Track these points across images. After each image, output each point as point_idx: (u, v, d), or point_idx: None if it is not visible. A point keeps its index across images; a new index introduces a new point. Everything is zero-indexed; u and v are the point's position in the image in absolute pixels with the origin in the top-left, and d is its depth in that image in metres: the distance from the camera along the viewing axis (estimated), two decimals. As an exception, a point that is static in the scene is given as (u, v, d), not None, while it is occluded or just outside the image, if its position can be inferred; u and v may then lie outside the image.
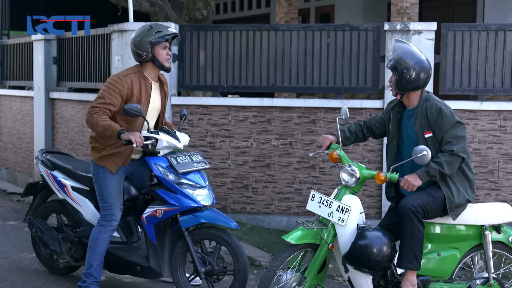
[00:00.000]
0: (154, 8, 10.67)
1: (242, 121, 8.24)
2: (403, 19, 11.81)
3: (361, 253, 4.82)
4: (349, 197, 5.00)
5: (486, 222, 5.15)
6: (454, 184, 4.99)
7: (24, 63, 11.43)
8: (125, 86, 5.46)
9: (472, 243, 5.20)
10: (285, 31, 8.33)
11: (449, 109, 5.03)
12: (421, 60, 5.08)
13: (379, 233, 4.93)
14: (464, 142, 4.93)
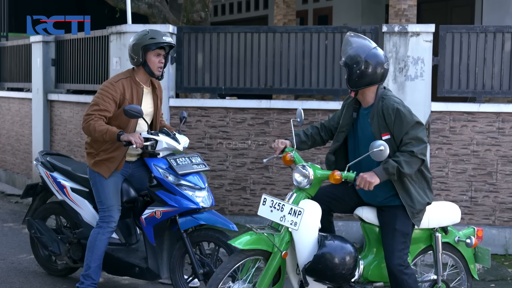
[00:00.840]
0: (152, 10, 10.69)
1: (240, 123, 8.25)
2: (401, 21, 11.82)
3: (326, 265, 4.54)
4: (306, 202, 4.68)
5: (438, 225, 5.03)
6: (414, 188, 4.76)
7: (23, 65, 11.43)
8: (118, 91, 5.50)
9: (422, 246, 5.08)
10: (283, 33, 8.34)
11: (407, 109, 4.73)
12: (373, 54, 4.75)
13: (342, 242, 4.66)
14: (425, 145, 4.69)
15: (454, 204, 5.32)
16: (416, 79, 7.88)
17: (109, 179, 5.57)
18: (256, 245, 4.58)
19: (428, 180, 4.90)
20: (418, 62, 7.87)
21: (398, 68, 7.90)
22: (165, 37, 5.59)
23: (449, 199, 7.95)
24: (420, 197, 4.78)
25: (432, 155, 7.93)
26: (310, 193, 4.77)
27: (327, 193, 5.03)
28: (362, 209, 4.95)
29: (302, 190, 4.75)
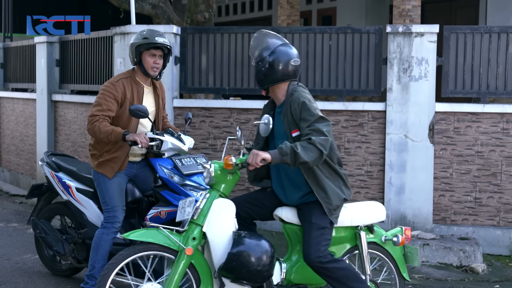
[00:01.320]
0: (156, 11, 10.70)
1: (244, 124, 8.25)
2: (405, 22, 11.81)
3: (240, 263, 4.44)
4: (219, 201, 4.66)
5: (361, 223, 4.94)
6: (329, 184, 4.69)
7: (27, 65, 11.45)
8: (119, 91, 5.51)
9: (348, 246, 4.97)
10: (287, 34, 8.34)
11: (312, 104, 4.64)
12: (278, 51, 4.71)
13: (257, 239, 4.58)
14: (325, 138, 4.52)
15: (379, 202, 5.27)
16: (420, 79, 7.88)
17: (113, 179, 5.57)
18: (153, 239, 4.52)
19: (343, 177, 4.80)
20: (422, 62, 7.87)
21: (402, 68, 7.89)
22: (158, 37, 5.56)
23: (454, 199, 7.95)
24: (335, 193, 4.70)
25: (436, 156, 7.93)
26: (223, 192, 4.72)
27: (247, 199, 5.01)
28: (282, 209, 4.91)
29: (215, 189, 4.72)
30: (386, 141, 7.95)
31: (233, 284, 4.56)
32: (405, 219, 7.93)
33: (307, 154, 4.44)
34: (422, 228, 7.89)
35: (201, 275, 4.59)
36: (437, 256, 7.43)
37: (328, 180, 4.71)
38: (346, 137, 8.07)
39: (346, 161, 8.05)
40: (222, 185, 4.74)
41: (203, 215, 4.60)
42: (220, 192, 4.73)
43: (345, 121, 8.06)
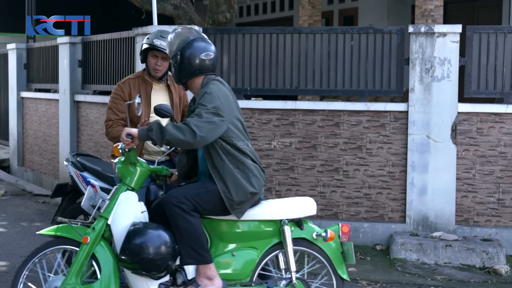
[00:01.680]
0: (178, 12, 10.72)
1: (266, 124, 8.25)
2: (427, 22, 11.75)
3: (132, 251, 4.46)
4: (126, 194, 4.71)
5: (284, 216, 4.76)
6: (231, 178, 4.60)
7: (50, 66, 11.53)
8: (125, 91, 5.68)
9: (272, 241, 4.80)
10: (308, 34, 8.32)
11: (213, 97, 4.59)
12: (188, 46, 4.74)
13: (154, 229, 4.57)
14: (204, 121, 4.44)
15: (309, 198, 5.05)
16: (443, 80, 7.83)
17: None
18: (56, 232, 4.63)
19: (252, 169, 4.69)
20: (445, 63, 7.82)
21: (425, 69, 7.85)
22: (157, 39, 5.60)
23: (476, 201, 7.90)
24: (240, 187, 4.60)
25: (459, 157, 7.87)
26: (130, 185, 4.77)
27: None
28: None
29: (123, 183, 4.78)
30: (408, 141, 7.92)
31: (135, 275, 4.57)
32: (427, 220, 7.89)
33: (176, 131, 4.42)
34: (445, 229, 7.85)
35: (102, 266, 4.61)
36: (459, 257, 7.38)
37: (235, 172, 4.63)
38: (368, 138, 8.04)
39: (367, 161, 8.03)
40: (128, 178, 4.78)
41: (110, 208, 4.68)
42: (127, 186, 4.77)
43: (367, 122, 8.03)
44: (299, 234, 4.83)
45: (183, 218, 4.54)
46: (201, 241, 4.60)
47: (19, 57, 12.68)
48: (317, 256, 4.90)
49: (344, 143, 8.09)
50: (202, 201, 4.60)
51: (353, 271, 7.09)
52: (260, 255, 4.80)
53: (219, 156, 4.63)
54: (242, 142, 4.71)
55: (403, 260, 7.44)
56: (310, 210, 4.91)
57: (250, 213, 4.75)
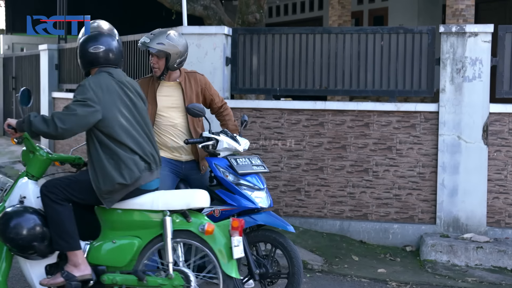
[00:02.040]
0: (208, 12, 10.76)
1: (295, 124, 8.24)
2: (458, 21, 11.65)
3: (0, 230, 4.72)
4: (23, 180, 4.97)
5: (166, 207, 4.76)
6: (100, 167, 4.69)
7: (80, 66, 11.62)
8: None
9: (157, 232, 4.79)
10: (338, 34, 8.30)
11: (86, 88, 4.71)
12: (82, 40, 5.03)
13: (26, 212, 4.76)
14: (69, 114, 4.59)
15: (202, 190, 4.98)
16: (474, 80, 7.76)
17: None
18: None
19: (127, 160, 4.72)
20: (476, 63, 7.75)
21: (456, 69, 7.79)
22: (144, 38, 5.75)
23: (508, 202, 7.82)
24: (109, 176, 4.67)
25: (490, 158, 7.80)
26: (30, 173, 5.01)
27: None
28: None
29: (25, 171, 5.04)
30: (439, 142, 7.86)
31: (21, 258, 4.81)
32: (458, 221, 7.82)
33: (40, 124, 4.62)
34: (476, 231, 7.78)
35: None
36: (491, 259, 7.31)
37: (106, 162, 4.70)
38: (398, 138, 8.00)
39: (397, 162, 7.99)
40: (28, 166, 5.02)
41: (9, 193, 4.94)
42: (27, 173, 4.99)
43: (397, 122, 7.99)
44: (184, 226, 4.81)
45: (50, 207, 4.72)
46: (67, 229, 4.71)
47: (51, 58, 12.82)
48: (205, 250, 4.85)
49: (374, 143, 8.06)
50: (74, 190, 4.75)
51: (383, 272, 7.06)
52: (144, 245, 4.82)
53: (94, 145, 4.77)
54: (123, 133, 4.75)
55: (434, 262, 7.39)
56: (197, 203, 4.86)
57: (131, 202, 4.81)
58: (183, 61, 5.79)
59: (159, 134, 5.80)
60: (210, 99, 5.99)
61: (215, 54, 8.19)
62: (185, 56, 5.78)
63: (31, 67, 15.03)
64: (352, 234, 8.09)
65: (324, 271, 7.04)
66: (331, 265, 7.22)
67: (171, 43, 5.64)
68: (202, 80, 5.97)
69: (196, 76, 5.96)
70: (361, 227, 8.08)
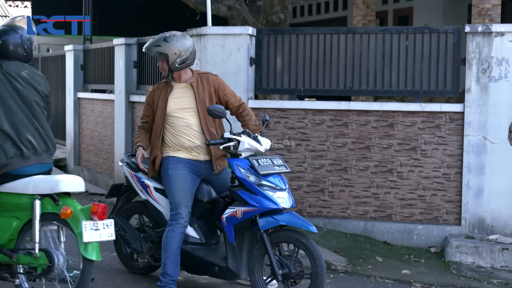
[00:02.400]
0: (232, 12, 10.78)
1: (319, 125, 8.23)
2: (484, 21, 11.55)
3: None
4: None
5: (36, 191, 5.03)
6: None
7: (106, 67, 11.71)
8: (151, 96, 6.07)
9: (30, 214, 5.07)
10: (362, 34, 8.27)
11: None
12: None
13: None
14: None
15: (75, 176, 5.26)
16: (500, 80, 7.70)
17: (173, 178, 5.80)
18: None
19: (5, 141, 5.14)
20: (502, 63, 7.69)
21: (481, 69, 7.73)
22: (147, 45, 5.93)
23: (534, 203, 7.74)
24: None
25: (516, 158, 7.73)
26: None
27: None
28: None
29: None
30: (464, 143, 7.80)
31: None
32: (484, 222, 7.76)
33: None
34: (501, 232, 7.71)
35: None
36: (517, 261, 7.25)
37: None
38: (422, 139, 7.95)
39: (422, 163, 7.94)
40: None
41: None
42: None
43: (422, 123, 7.94)
44: (52, 209, 5.04)
45: None
46: None
47: (76, 59, 12.92)
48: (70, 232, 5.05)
49: (399, 144, 8.02)
50: None
51: (407, 273, 7.02)
52: (21, 225, 5.12)
53: None
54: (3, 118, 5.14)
55: (458, 263, 7.33)
56: (62, 187, 5.05)
57: (7, 186, 5.16)
58: (185, 61, 5.82)
59: (175, 135, 5.88)
60: (225, 99, 6.01)
61: (239, 54, 8.20)
62: (186, 56, 5.80)
63: (56, 67, 15.15)
64: (376, 235, 8.06)
65: (347, 272, 7.03)
66: (354, 266, 7.20)
67: (167, 44, 5.76)
68: (215, 81, 5.99)
69: (208, 77, 5.99)
70: (385, 228, 8.04)
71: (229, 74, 8.15)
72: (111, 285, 6.22)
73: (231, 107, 6.05)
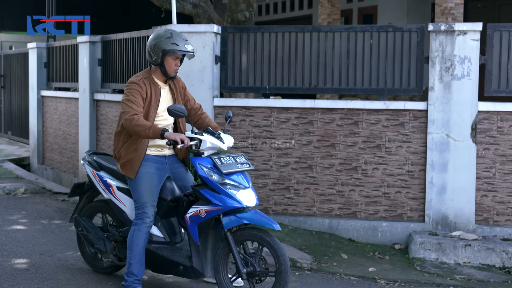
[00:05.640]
0: (197, 10, 10.73)
1: (284, 123, 8.24)
2: (447, 20, 11.68)
3: None
4: None
5: None
6: None
7: (70, 65, 11.60)
8: (143, 89, 5.69)
9: None
10: (327, 32, 8.31)
11: None
12: None
13: None
14: None
15: None
16: (463, 78, 7.78)
17: (140, 177, 5.70)
18: None
19: None
20: (465, 61, 7.77)
21: (445, 67, 7.81)
22: (187, 45, 5.70)
23: (496, 200, 7.84)
24: None
25: (479, 156, 7.82)
26: None
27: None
28: None
29: None
30: (428, 140, 7.88)
31: None
32: (447, 219, 7.85)
33: None
34: (464, 228, 7.80)
35: None
36: (479, 257, 7.33)
37: None
38: (387, 137, 8.01)
39: (386, 160, 8.00)
40: None
41: None
42: None
43: (386, 120, 8.00)
44: None
45: None
46: None
47: (40, 56, 12.77)
48: None
49: (363, 142, 8.07)
50: None
51: (372, 270, 7.07)
52: None
53: None
54: None
55: (422, 260, 7.40)
56: None
57: None
58: None
59: None
60: (186, 100, 6.03)
61: (204, 52, 8.18)
62: None
63: (19, 65, 14.97)
64: (341, 232, 8.10)
65: (313, 269, 7.05)
66: (320, 263, 7.22)
67: None
68: (181, 82, 6.06)
69: (177, 78, 5.99)
70: (350, 225, 8.09)
71: (194, 72, 8.13)
72: (75, 285, 6.16)
73: (190, 108, 6.02)
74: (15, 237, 7.82)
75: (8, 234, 7.96)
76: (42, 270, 6.57)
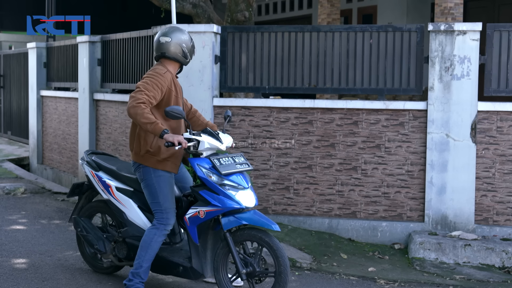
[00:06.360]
0: (197, 10, 10.73)
1: (284, 123, 8.24)
2: (447, 20, 11.68)
3: None
4: None
5: None
6: None
7: (69, 65, 11.60)
8: (166, 83, 5.56)
9: None
10: (327, 32, 8.30)
11: None
12: None
13: None
14: None
15: None
16: (463, 78, 7.78)
17: (168, 180, 5.63)
18: None
19: None
20: (465, 61, 7.77)
21: (444, 67, 7.81)
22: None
23: (496, 200, 7.84)
24: None
25: (478, 155, 7.82)
26: None
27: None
28: None
29: None
30: (427, 140, 7.88)
31: None
32: (446, 219, 7.85)
33: None
34: (464, 228, 7.80)
35: None
36: (478, 257, 7.34)
37: None
38: (386, 136, 8.01)
39: (386, 160, 8.00)
40: None
41: None
42: None
43: (386, 120, 8.00)
44: None
45: None
46: None
47: (39, 56, 12.77)
48: None
49: (363, 141, 8.07)
50: None
51: (372, 270, 7.07)
52: None
53: None
54: None
55: (422, 260, 7.41)
56: None
57: None
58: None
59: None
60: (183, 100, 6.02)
61: (204, 52, 8.18)
62: None
63: (19, 65, 14.97)
64: (340, 232, 8.10)
65: (312, 269, 7.05)
66: (319, 263, 7.23)
67: None
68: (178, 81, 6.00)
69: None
70: (349, 225, 8.09)
71: (194, 72, 8.13)
72: (75, 285, 6.15)
73: (184, 106, 6.01)
74: (15, 237, 7.82)
75: (8, 234, 7.96)
76: (41, 270, 6.56)
